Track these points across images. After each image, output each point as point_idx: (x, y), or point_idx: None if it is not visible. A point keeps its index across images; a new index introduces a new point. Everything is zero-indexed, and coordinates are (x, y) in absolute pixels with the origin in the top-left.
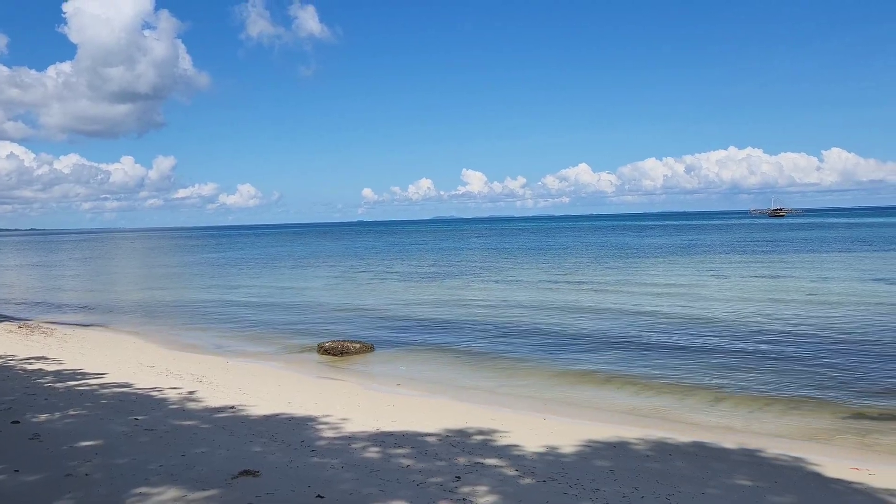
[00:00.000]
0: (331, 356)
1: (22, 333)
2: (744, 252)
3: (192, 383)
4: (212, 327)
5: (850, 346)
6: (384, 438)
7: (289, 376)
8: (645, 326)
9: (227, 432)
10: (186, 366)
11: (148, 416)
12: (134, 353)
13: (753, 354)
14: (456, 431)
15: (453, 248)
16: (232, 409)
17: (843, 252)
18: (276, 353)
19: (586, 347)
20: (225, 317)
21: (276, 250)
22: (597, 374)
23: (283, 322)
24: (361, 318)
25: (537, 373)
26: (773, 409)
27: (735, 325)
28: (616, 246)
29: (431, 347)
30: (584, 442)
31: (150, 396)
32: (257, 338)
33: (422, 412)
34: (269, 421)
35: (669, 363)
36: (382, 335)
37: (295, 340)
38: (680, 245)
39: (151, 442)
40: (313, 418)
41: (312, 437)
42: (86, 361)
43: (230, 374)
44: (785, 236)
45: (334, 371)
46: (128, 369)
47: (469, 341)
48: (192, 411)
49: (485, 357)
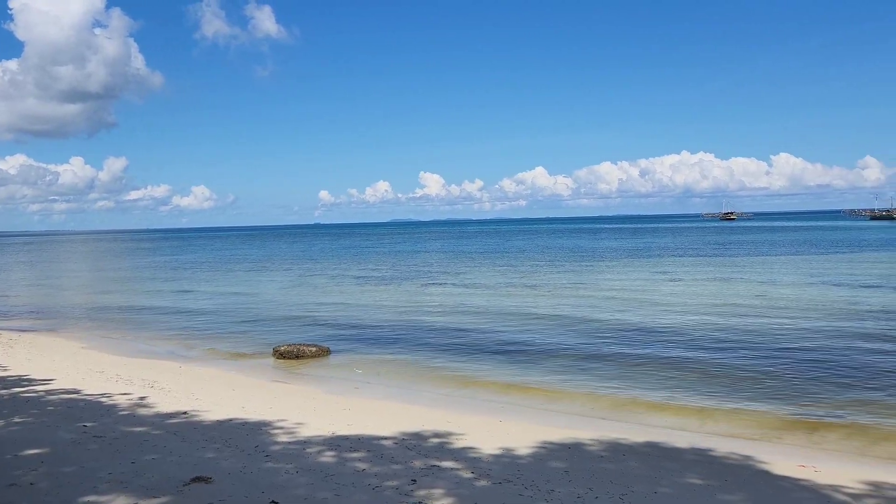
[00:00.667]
0: (286, 360)
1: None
2: (696, 255)
3: (143, 389)
4: (164, 332)
5: (799, 348)
6: (339, 442)
7: (243, 381)
8: (600, 329)
9: (179, 438)
10: (138, 371)
11: (97, 423)
12: (83, 359)
13: (706, 356)
14: (412, 434)
15: (410, 250)
16: (184, 414)
17: (791, 255)
18: (230, 358)
19: (542, 349)
20: (178, 321)
21: (230, 253)
22: (552, 375)
23: (237, 326)
24: (317, 321)
25: (494, 375)
26: (725, 409)
27: (688, 326)
28: (572, 249)
29: (388, 351)
30: (539, 443)
31: (100, 402)
32: (211, 342)
33: (378, 415)
34: (223, 426)
35: (624, 364)
36: (339, 339)
37: (250, 344)
38: (634, 248)
39: (100, 449)
40: (268, 423)
41: (267, 441)
42: (32, 367)
43: (183, 379)
44: (736, 239)
45: (289, 375)
46: (76, 375)
47: (426, 344)
48: (143, 417)
49: (441, 360)
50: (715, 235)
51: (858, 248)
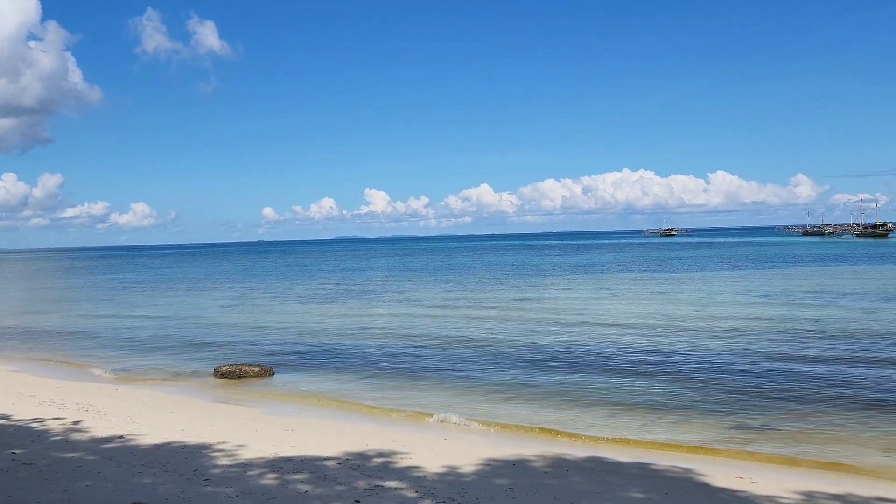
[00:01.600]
0: (228, 380)
1: None
2: (638, 271)
3: (77, 413)
4: (101, 353)
5: (735, 360)
6: (282, 464)
7: (183, 402)
8: (544, 344)
9: (115, 463)
10: (71, 394)
11: (27, 450)
12: (13, 383)
13: (646, 369)
14: (356, 454)
15: (356, 268)
16: (120, 438)
17: (728, 270)
18: (169, 379)
19: (487, 365)
20: (115, 342)
21: (171, 272)
22: (497, 391)
23: (177, 346)
24: (260, 341)
25: (439, 392)
26: (665, 422)
27: (629, 341)
28: (517, 265)
29: (333, 369)
30: (483, 461)
31: (30, 428)
32: (150, 363)
33: (322, 436)
34: (161, 450)
35: (567, 379)
36: (282, 358)
37: (190, 365)
38: (578, 264)
39: (31, 477)
40: (208, 446)
41: (206, 465)
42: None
43: (119, 402)
44: (675, 255)
45: (231, 396)
46: (5, 399)
47: (371, 363)
48: (77, 442)
49: (387, 377)
50: (656, 251)
51: (792, 263)
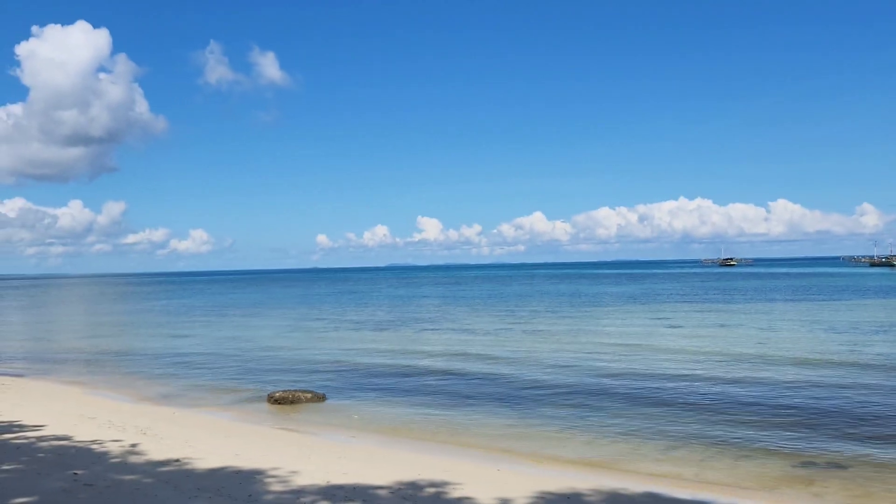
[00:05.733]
0: (281, 406)
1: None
2: (696, 301)
3: (135, 435)
4: (159, 377)
5: (799, 395)
6: (334, 492)
7: (237, 427)
8: (599, 375)
9: (171, 486)
10: (130, 417)
11: (88, 471)
12: (75, 405)
13: (705, 403)
14: (408, 483)
15: (408, 295)
16: (177, 462)
17: (792, 301)
18: (224, 404)
19: (540, 396)
20: (173, 366)
21: (227, 297)
22: (551, 423)
23: (232, 371)
24: (313, 367)
25: (492, 421)
26: (725, 458)
27: (688, 374)
28: (571, 294)
29: (385, 397)
30: (537, 493)
31: (91, 450)
32: (206, 388)
33: (374, 464)
34: (216, 474)
35: (622, 412)
36: (335, 384)
37: (244, 390)
38: (634, 294)
39: (91, 498)
40: (261, 471)
41: (260, 491)
42: (23, 413)
43: (176, 426)
44: (736, 285)
45: (284, 421)
46: (68, 421)
47: (423, 391)
48: (135, 465)
49: (439, 406)
50: (715, 281)
51: (859, 295)
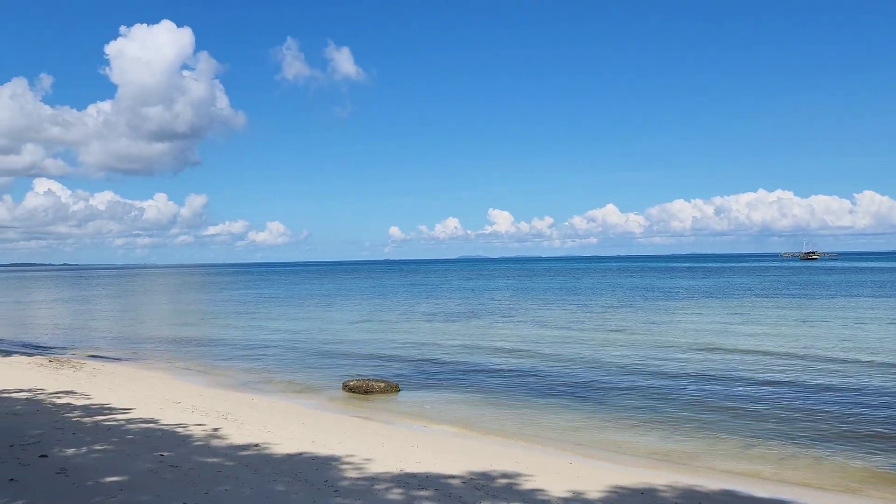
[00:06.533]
0: (355, 394)
1: (52, 367)
2: (776, 296)
3: (217, 420)
4: (238, 364)
5: (883, 394)
6: (408, 480)
7: (313, 415)
8: (672, 371)
9: (251, 470)
10: (212, 402)
11: (173, 453)
12: (161, 389)
13: (786, 400)
14: (480, 474)
15: (479, 287)
16: (256, 446)
17: (879, 297)
18: (301, 391)
19: (614, 390)
20: (251, 353)
21: (303, 288)
22: (624, 417)
23: (308, 360)
24: (387, 356)
25: (563, 414)
26: (805, 458)
27: (767, 370)
28: (644, 288)
29: (457, 387)
30: (610, 487)
31: (176, 433)
32: (283, 375)
33: (446, 453)
34: (293, 460)
35: (696, 409)
36: (408, 374)
37: (320, 378)
38: (709, 288)
39: (176, 479)
40: (337, 458)
41: (336, 477)
42: (114, 396)
43: (255, 412)
44: (818, 280)
45: (359, 410)
46: (154, 405)
47: (495, 382)
48: (217, 448)
49: (511, 398)
50: (796, 276)
51: None
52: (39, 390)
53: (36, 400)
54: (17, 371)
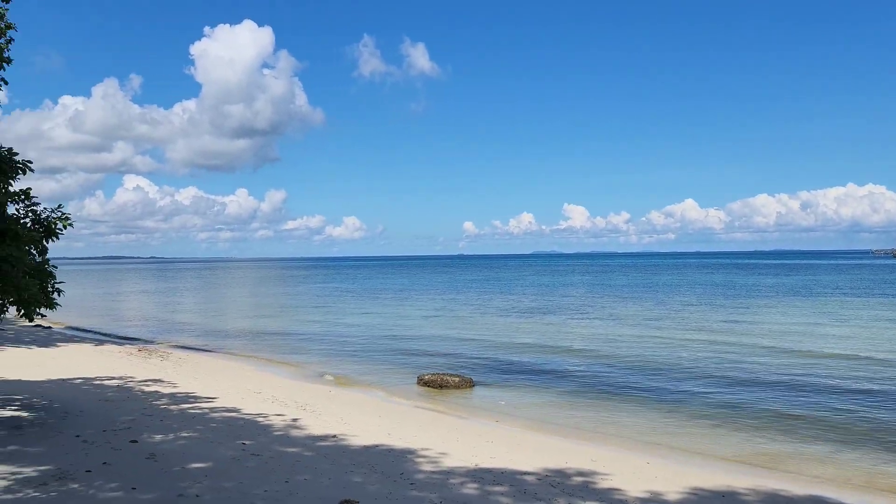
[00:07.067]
0: (430, 388)
1: (141, 356)
2: (867, 296)
3: (296, 411)
4: (316, 356)
5: None
6: (482, 475)
7: (389, 407)
8: (757, 370)
9: (329, 461)
10: (291, 393)
11: (254, 442)
12: (242, 380)
13: (879, 406)
14: (555, 471)
15: (554, 283)
16: (334, 437)
17: None
18: (377, 384)
19: (693, 390)
20: (329, 347)
21: (378, 282)
22: (704, 417)
23: (384, 353)
24: (461, 351)
25: (640, 413)
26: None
27: (858, 374)
28: (725, 285)
29: (531, 384)
30: (689, 489)
31: (257, 422)
32: (359, 368)
33: (520, 449)
34: (369, 451)
35: (784, 409)
36: (482, 370)
37: (396, 372)
38: (795, 286)
39: (257, 467)
40: (412, 451)
41: (411, 469)
42: (198, 385)
43: (332, 404)
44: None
45: (433, 404)
46: (236, 395)
47: (570, 379)
48: (296, 438)
49: (586, 395)
50: (888, 274)
51: None
52: (129, 378)
53: (126, 387)
54: (109, 359)
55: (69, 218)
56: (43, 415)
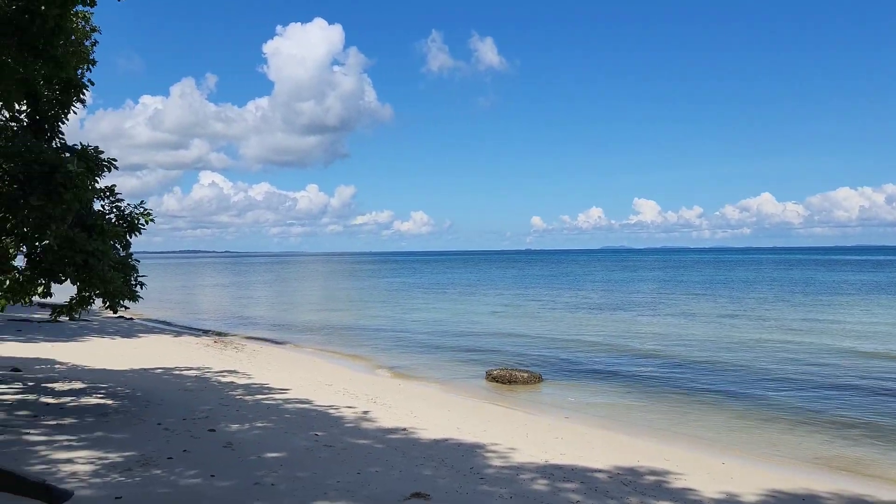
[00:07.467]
0: (499, 384)
1: (217, 348)
2: None
3: (366, 403)
4: (385, 350)
5: None
6: (552, 471)
7: (457, 402)
8: (838, 372)
9: (400, 453)
10: (361, 386)
11: (327, 433)
12: (314, 372)
13: None
14: (627, 469)
15: (624, 279)
16: (404, 430)
17: None
18: (445, 378)
19: (770, 389)
20: (397, 340)
21: (446, 277)
22: (782, 417)
23: (452, 348)
24: (529, 346)
25: (714, 413)
26: None
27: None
28: (804, 282)
29: (600, 380)
30: (767, 491)
31: (328, 414)
32: (428, 362)
33: (591, 446)
34: (439, 445)
35: (866, 413)
36: (550, 365)
37: (464, 366)
38: (881, 283)
39: (330, 458)
40: (481, 445)
41: (481, 464)
42: (272, 377)
43: (402, 397)
44: None
45: (502, 399)
46: (308, 386)
47: (640, 376)
48: (367, 431)
49: (657, 393)
50: None
51: None
52: (206, 369)
53: (204, 377)
54: (187, 350)
55: (150, 213)
56: (126, 403)
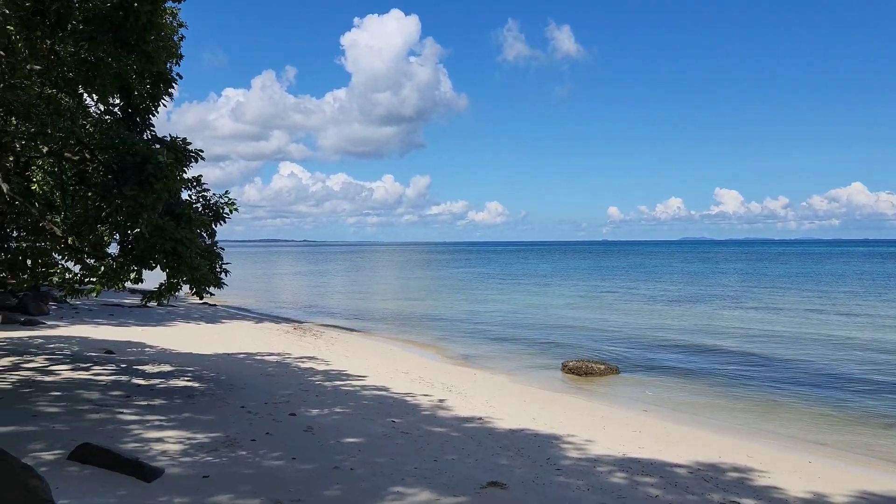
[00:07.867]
0: (575, 375)
1: (296, 334)
2: None
3: (442, 392)
4: (461, 339)
5: None
6: (630, 464)
7: (533, 392)
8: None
9: (475, 442)
10: (437, 375)
11: (404, 420)
12: (390, 360)
13: None
14: (708, 465)
15: (704, 271)
16: (479, 419)
17: None
18: (520, 369)
19: (860, 387)
20: (473, 330)
21: (520, 267)
22: (874, 417)
23: (527, 338)
24: (606, 338)
25: (800, 411)
26: None
27: None
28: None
29: (680, 374)
30: (858, 493)
31: (405, 401)
32: (503, 352)
33: (670, 441)
34: (515, 435)
35: None
36: (627, 357)
37: (538, 358)
38: None
39: (407, 444)
40: (557, 437)
41: (557, 455)
42: (349, 364)
43: (477, 386)
44: None
45: (578, 391)
46: (385, 374)
47: (721, 371)
48: (443, 419)
49: (739, 388)
50: None
51: None
52: (287, 354)
53: (284, 363)
54: (268, 336)
55: (235, 203)
56: (212, 386)
